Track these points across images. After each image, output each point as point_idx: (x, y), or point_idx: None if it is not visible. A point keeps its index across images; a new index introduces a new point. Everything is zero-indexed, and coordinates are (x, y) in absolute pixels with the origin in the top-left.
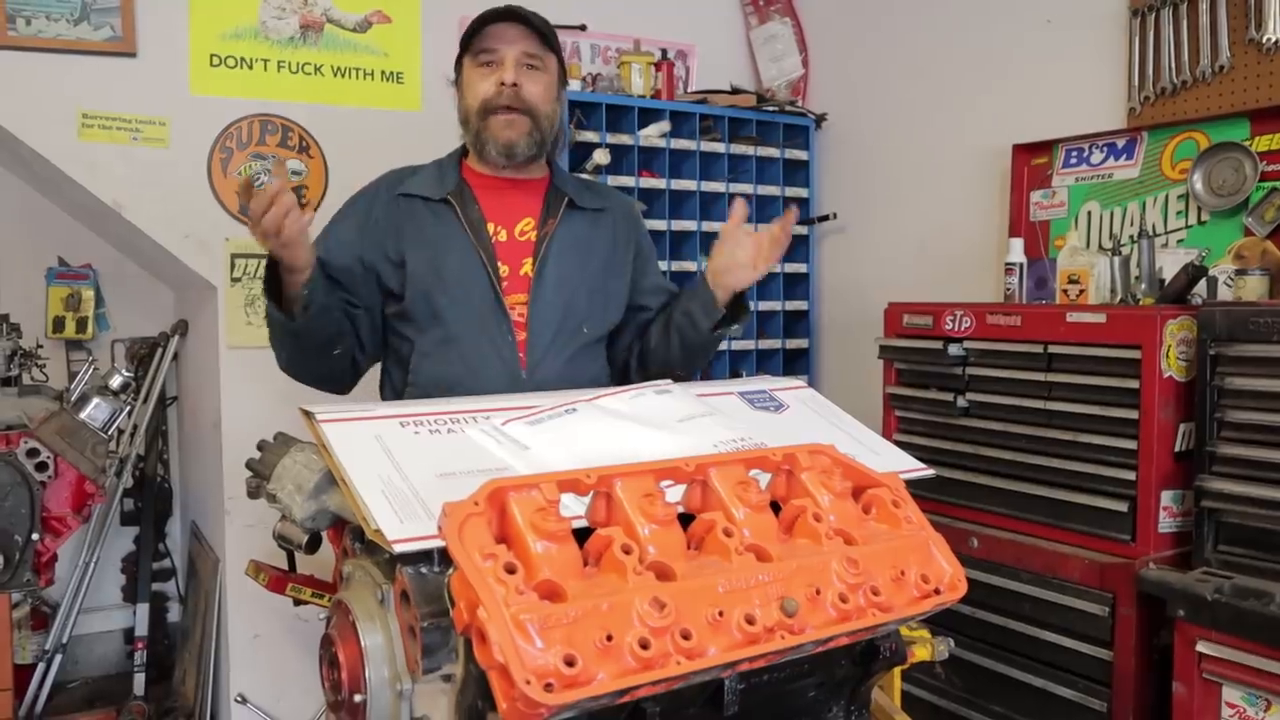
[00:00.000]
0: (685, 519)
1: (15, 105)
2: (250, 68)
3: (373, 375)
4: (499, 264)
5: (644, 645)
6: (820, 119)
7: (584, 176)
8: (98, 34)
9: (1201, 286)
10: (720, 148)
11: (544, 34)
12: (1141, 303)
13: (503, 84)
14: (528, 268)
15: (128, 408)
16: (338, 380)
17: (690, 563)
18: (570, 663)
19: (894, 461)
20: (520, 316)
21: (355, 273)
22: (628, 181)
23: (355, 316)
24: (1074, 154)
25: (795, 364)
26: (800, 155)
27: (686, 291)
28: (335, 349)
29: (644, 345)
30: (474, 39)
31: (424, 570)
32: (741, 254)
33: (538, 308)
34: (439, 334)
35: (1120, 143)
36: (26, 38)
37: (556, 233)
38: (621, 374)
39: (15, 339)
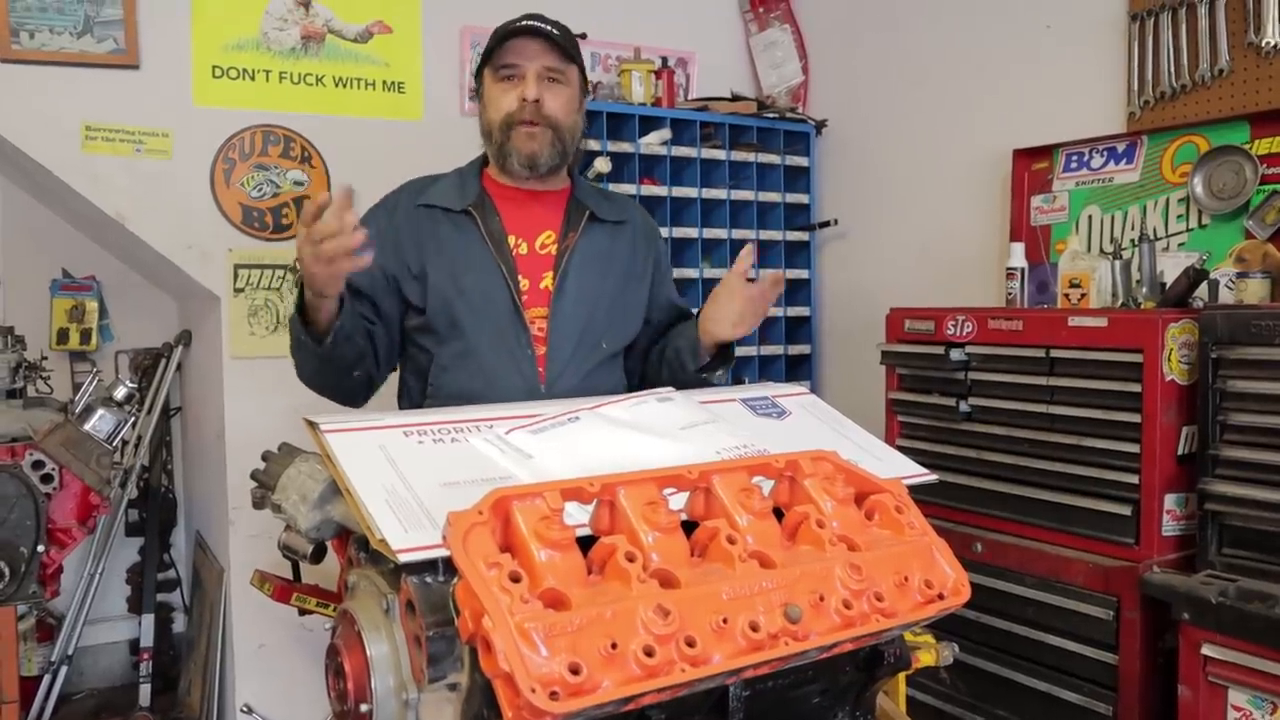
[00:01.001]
0: (689, 526)
1: (19, 118)
2: (252, 79)
3: (390, 386)
4: (519, 277)
5: (649, 653)
6: (821, 125)
7: (603, 188)
8: (101, 46)
9: (1203, 290)
10: (721, 155)
11: (565, 46)
12: (1143, 306)
13: (524, 99)
14: (548, 281)
15: (132, 419)
16: (354, 397)
17: (694, 570)
18: (575, 671)
19: (897, 467)
20: (540, 331)
21: (379, 284)
22: (629, 189)
23: (374, 334)
24: (1074, 158)
25: (797, 370)
26: (801, 162)
27: (680, 329)
28: (356, 370)
29: (645, 369)
30: (495, 52)
31: (429, 579)
32: (729, 310)
33: (557, 322)
34: (458, 347)
35: (1120, 147)
36: (30, 51)
37: (577, 246)
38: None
39: (20, 351)
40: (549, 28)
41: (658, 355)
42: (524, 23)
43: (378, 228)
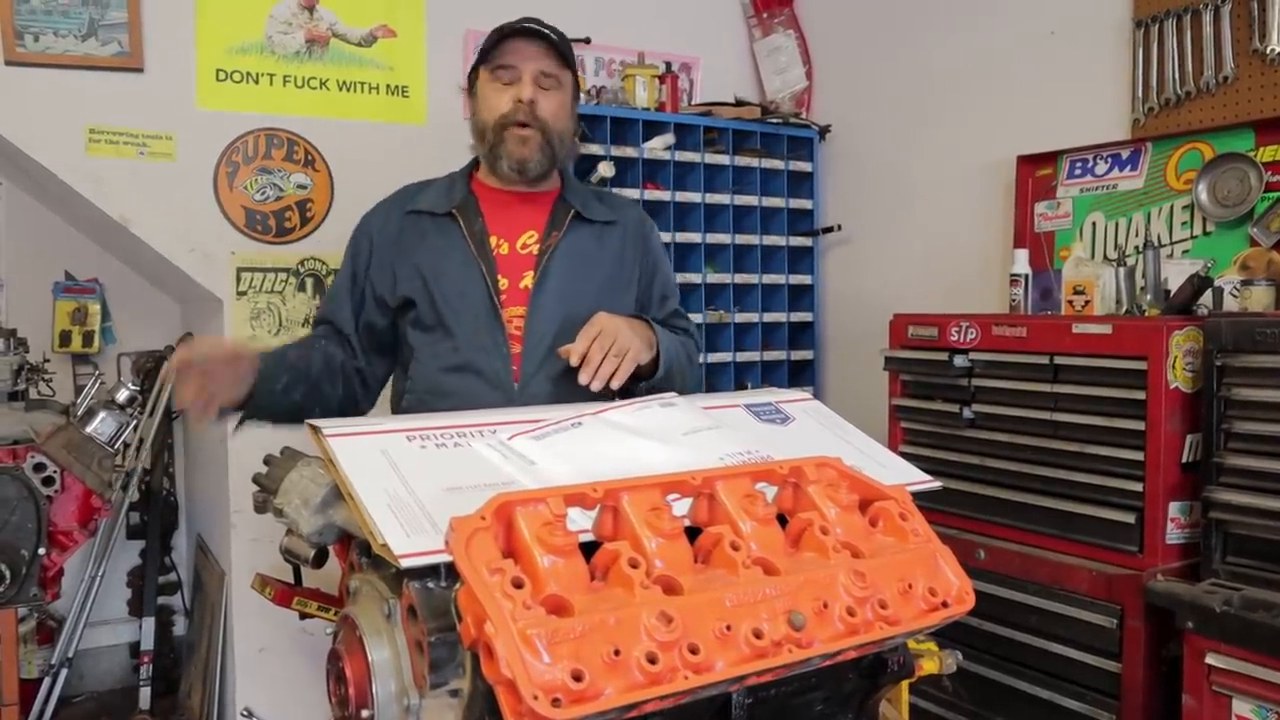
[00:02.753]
0: (692, 532)
1: (24, 121)
2: (256, 82)
3: (387, 392)
4: (499, 277)
5: (651, 660)
6: (824, 131)
7: (597, 187)
8: (105, 49)
9: (1207, 297)
10: (725, 160)
11: (562, 50)
12: (1147, 314)
13: (519, 100)
14: (528, 280)
15: (134, 421)
16: (336, 412)
17: (697, 576)
18: (578, 678)
19: (900, 474)
20: (517, 329)
21: (370, 308)
22: (632, 194)
23: (362, 372)
24: (1078, 165)
25: (800, 375)
26: (804, 167)
27: None
28: (315, 408)
29: None
30: (492, 52)
31: (431, 585)
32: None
33: (534, 322)
34: (438, 343)
35: (1125, 154)
36: (35, 54)
37: (559, 246)
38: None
39: (22, 353)
40: (547, 31)
41: None
42: (522, 24)
43: (369, 241)
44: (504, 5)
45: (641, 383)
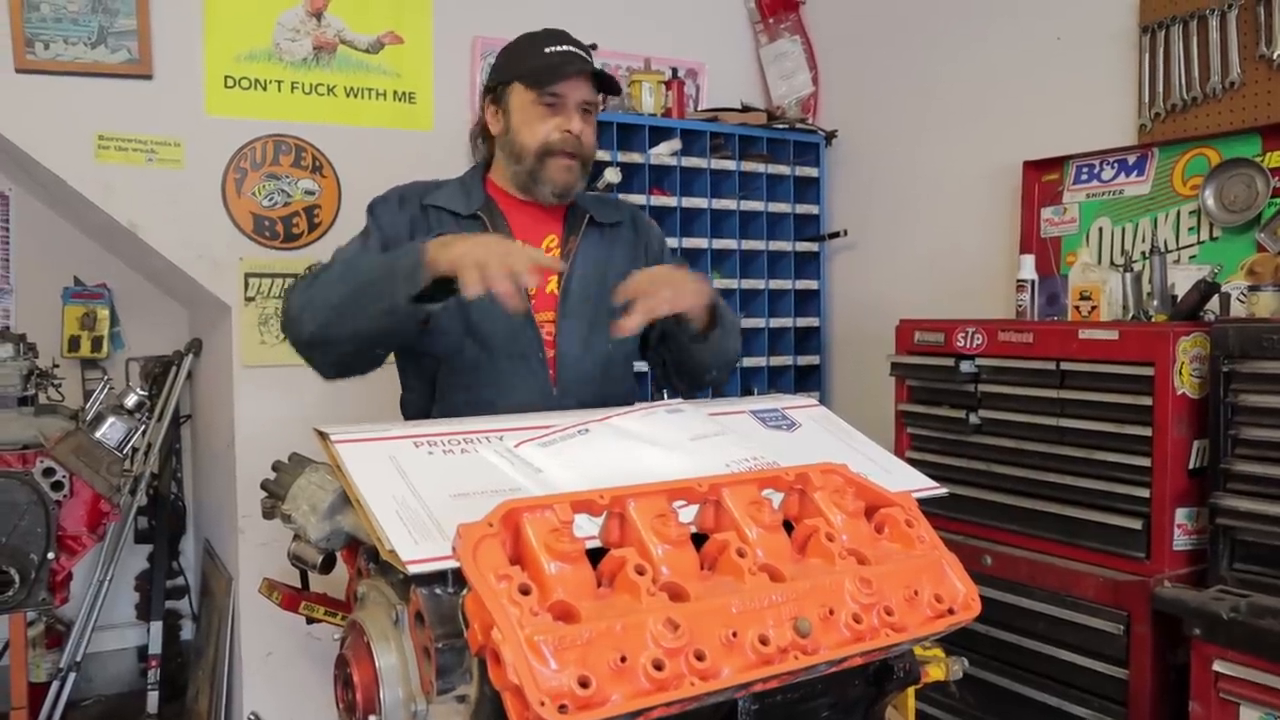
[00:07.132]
0: (698, 539)
1: (33, 127)
2: (264, 89)
3: (394, 397)
4: None
5: (658, 666)
6: (830, 136)
7: (596, 191)
8: (114, 57)
9: (1214, 303)
10: (731, 165)
11: (602, 78)
12: (1154, 319)
13: (567, 132)
14: (553, 285)
15: (142, 426)
16: (353, 368)
17: (704, 583)
18: (584, 684)
19: (906, 480)
20: (549, 335)
21: None
22: (639, 199)
23: None
24: (1085, 170)
25: (807, 380)
26: (811, 172)
27: (673, 341)
28: (382, 347)
29: (673, 357)
30: (542, 81)
31: (438, 591)
32: (673, 292)
33: (565, 325)
34: (470, 351)
35: (1131, 159)
36: (45, 61)
37: (579, 249)
38: (663, 373)
39: (31, 358)
40: (591, 60)
41: (662, 370)
42: (567, 49)
43: (390, 218)
44: (511, 12)
45: (696, 340)
